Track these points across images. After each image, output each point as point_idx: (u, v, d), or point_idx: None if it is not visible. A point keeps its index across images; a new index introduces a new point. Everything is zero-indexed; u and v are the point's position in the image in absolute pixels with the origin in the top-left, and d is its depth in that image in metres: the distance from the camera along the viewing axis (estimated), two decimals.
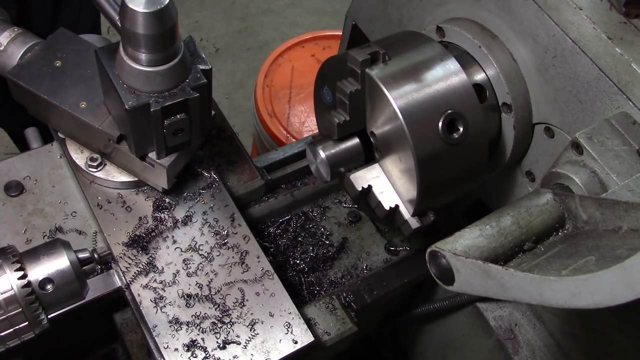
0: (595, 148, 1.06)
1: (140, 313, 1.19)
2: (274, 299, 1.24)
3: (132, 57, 1.09)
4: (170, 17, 1.05)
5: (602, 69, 1.12)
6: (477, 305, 1.55)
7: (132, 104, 1.11)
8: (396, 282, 1.48)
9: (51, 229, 1.29)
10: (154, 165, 1.25)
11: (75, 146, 1.34)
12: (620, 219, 0.90)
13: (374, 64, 1.13)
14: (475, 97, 1.16)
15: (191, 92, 1.14)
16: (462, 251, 0.94)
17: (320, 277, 1.51)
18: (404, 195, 1.18)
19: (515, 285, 0.85)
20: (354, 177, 1.23)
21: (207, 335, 1.18)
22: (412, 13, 1.52)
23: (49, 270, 1.03)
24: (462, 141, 1.14)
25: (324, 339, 1.32)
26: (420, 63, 1.15)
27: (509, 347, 1.50)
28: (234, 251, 1.28)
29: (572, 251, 0.91)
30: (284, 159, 1.60)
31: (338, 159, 1.23)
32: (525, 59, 1.26)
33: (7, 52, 1.33)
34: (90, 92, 1.27)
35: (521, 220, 0.99)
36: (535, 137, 1.31)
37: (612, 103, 1.13)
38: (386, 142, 1.17)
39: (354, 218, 1.60)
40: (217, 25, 4.38)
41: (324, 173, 1.25)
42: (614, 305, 0.72)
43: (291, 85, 2.87)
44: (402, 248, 1.56)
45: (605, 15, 1.14)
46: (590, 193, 1.04)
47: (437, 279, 0.97)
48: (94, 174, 1.31)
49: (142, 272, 1.23)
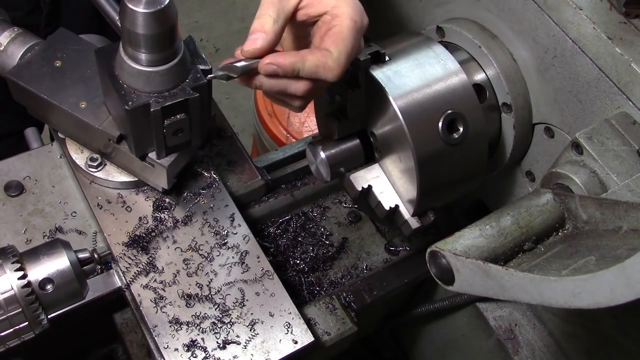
0: (595, 148, 1.06)
1: (140, 313, 1.19)
2: (274, 299, 1.24)
3: (132, 57, 1.09)
4: (170, 17, 1.05)
5: (602, 69, 1.12)
6: (477, 305, 1.55)
7: (132, 104, 1.11)
8: (396, 282, 1.48)
9: (51, 229, 1.29)
10: (154, 165, 1.25)
11: (75, 146, 1.34)
12: (620, 219, 0.90)
13: (374, 64, 1.13)
14: (475, 97, 1.16)
15: (191, 92, 1.14)
16: (462, 251, 0.94)
17: (320, 277, 1.51)
18: (404, 195, 1.18)
19: (515, 285, 0.85)
20: (354, 177, 1.23)
21: (207, 335, 1.18)
22: (412, 13, 1.52)
23: (49, 270, 1.03)
24: (462, 141, 1.14)
25: (324, 339, 1.32)
26: (420, 63, 1.15)
27: (509, 347, 1.50)
28: (234, 251, 1.28)
29: (572, 251, 0.91)
30: (284, 159, 1.60)
31: (338, 159, 1.23)
32: (525, 59, 1.26)
33: (7, 52, 1.33)
34: (90, 92, 1.27)
35: (521, 220, 0.99)
36: (535, 137, 1.31)
37: (612, 103, 1.13)
38: (386, 142, 1.17)
39: (354, 218, 1.60)
40: (217, 25, 4.38)
41: (324, 173, 1.25)
42: (614, 305, 0.72)
43: None
44: (402, 248, 1.56)
45: (605, 15, 1.14)
46: (590, 193, 1.04)
47: (437, 279, 0.98)
48: (94, 174, 1.31)
49: (142, 272, 1.23)
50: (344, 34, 0.91)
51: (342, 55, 0.91)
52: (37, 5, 1.68)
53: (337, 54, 0.91)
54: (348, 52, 0.92)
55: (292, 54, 0.91)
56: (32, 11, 1.67)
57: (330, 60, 0.90)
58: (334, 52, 0.91)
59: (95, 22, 1.79)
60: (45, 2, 1.68)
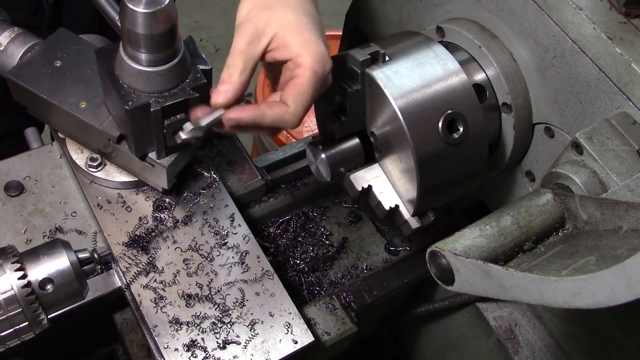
0: (595, 148, 1.06)
1: (140, 313, 1.19)
2: (274, 299, 1.24)
3: (132, 57, 1.09)
4: (170, 17, 1.05)
5: (602, 69, 1.12)
6: (477, 305, 1.55)
7: (132, 104, 1.11)
8: (396, 282, 1.48)
9: (51, 229, 1.29)
10: (154, 165, 1.25)
11: (75, 146, 1.34)
12: (620, 219, 0.90)
13: (374, 64, 1.13)
14: (475, 97, 1.16)
15: (191, 92, 1.14)
16: (462, 251, 0.94)
17: (320, 277, 1.51)
18: (404, 195, 1.18)
19: (515, 285, 0.85)
20: (354, 177, 1.23)
21: (207, 335, 1.18)
22: (412, 13, 1.52)
23: (49, 270, 1.03)
24: (462, 141, 1.14)
25: (324, 339, 1.32)
26: (420, 63, 1.15)
27: (509, 347, 1.50)
28: (234, 251, 1.28)
29: (572, 251, 0.91)
30: (284, 159, 1.60)
31: (338, 159, 1.23)
32: (525, 59, 1.26)
33: (7, 52, 1.33)
34: (90, 92, 1.27)
35: (521, 220, 0.99)
36: (535, 137, 1.31)
37: (612, 103, 1.13)
38: (386, 142, 1.17)
39: (354, 218, 1.60)
40: (217, 25, 4.37)
41: (324, 173, 1.25)
42: (614, 305, 0.72)
43: None
44: (402, 248, 1.56)
45: (605, 15, 1.14)
46: (590, 193, 1.04)
47: (437, 279, 0.97)
48: (94, 174, 1.31)
49: (142, 272, 1.23)
50: (303, 87, 0.97)
51: (299, 108, 0.97)
52: (40, 7, 1.68)
53: (293, 108, 0.97)
54: (305, 105, 0.98)
55: (253, 108, 0.97)
56: (34, 12, 1.67)
57: (287, 115, 0.97)
58: (291, 106, 0.97)
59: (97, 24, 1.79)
60: (49, 4, 1.68)
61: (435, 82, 1.13)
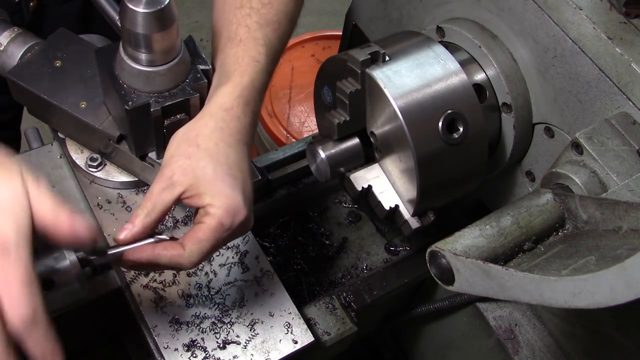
0: (595, 148, 1.06)
1: (140, 313, 1.19)
2: (274, 299, 1.24)
3: (132, 57, 1.09)
4: (170, 17, 1.05)
5: (602, 69, 1.12)
6: (477, 305, 1.55)
7: (132, 104, 1.11)
8: (396, 282, 1.48)
9: None
10: (154, 165, 1.25)
11: (75, 146, 1.34)
12: (620, 219, 0.90)
13: (374, 64, 1.13)
14: (475, 97, 1.16)
15: (191, 92, 1.14)
16: (462, 251, 0.94)
17: (320, 277, 1.51)
18: (404, 195, 1.18)
19: (515, 285, 0.85)
20: (354, 177, 1.23)
21: (207, 335, 1.18)
22: (412, 13, 1.51)
23: (48, 271, 1.02)
24: (462, 141, 1.14)
25: (324, 339, 1.32)
26: (420, 63, 1.15)
27: (509, 347, 1.50)
28: (234, 251, 1.28)
29: (572, 251, 0.91)
30: (284, 159, 1.60)
31: (338, 159, 1.23)
32: (525, 59, 1.26)
33: (7, 52, 1.33)
34: (90, 92, 1.27)
35: (521, 220, 0.99)
36: (535, 137, 1.31)
37: (612, 103, 1.13)
38: (386, 142, 1.17)
39: (354, 218, 1.60)
40: None
41: (324, 173, 1.25)
42: (614, 305, 0.72)
43: (291, 85, 2.87)
44: (402, 248, 1.56)
45: (605, 15, 1.14)
46: (590, 193, 1.04)
47: (437, 279, 0.97)
48: (94, 174, 1.31)
49: (142, 272, 1.23)
50: (204, 236, 0.99)
51: (194, 254, 0.99)
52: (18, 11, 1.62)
53: (188, 254, 0.99)
54: (202, 252, 1.00)
55: (149, 250, 1.00)
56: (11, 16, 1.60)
57: (181, 259, 1.00)
58: (187, 252, 0.99)
59: None
60: (29, 11, 1.62)
61: (435, 82, 1.13)
